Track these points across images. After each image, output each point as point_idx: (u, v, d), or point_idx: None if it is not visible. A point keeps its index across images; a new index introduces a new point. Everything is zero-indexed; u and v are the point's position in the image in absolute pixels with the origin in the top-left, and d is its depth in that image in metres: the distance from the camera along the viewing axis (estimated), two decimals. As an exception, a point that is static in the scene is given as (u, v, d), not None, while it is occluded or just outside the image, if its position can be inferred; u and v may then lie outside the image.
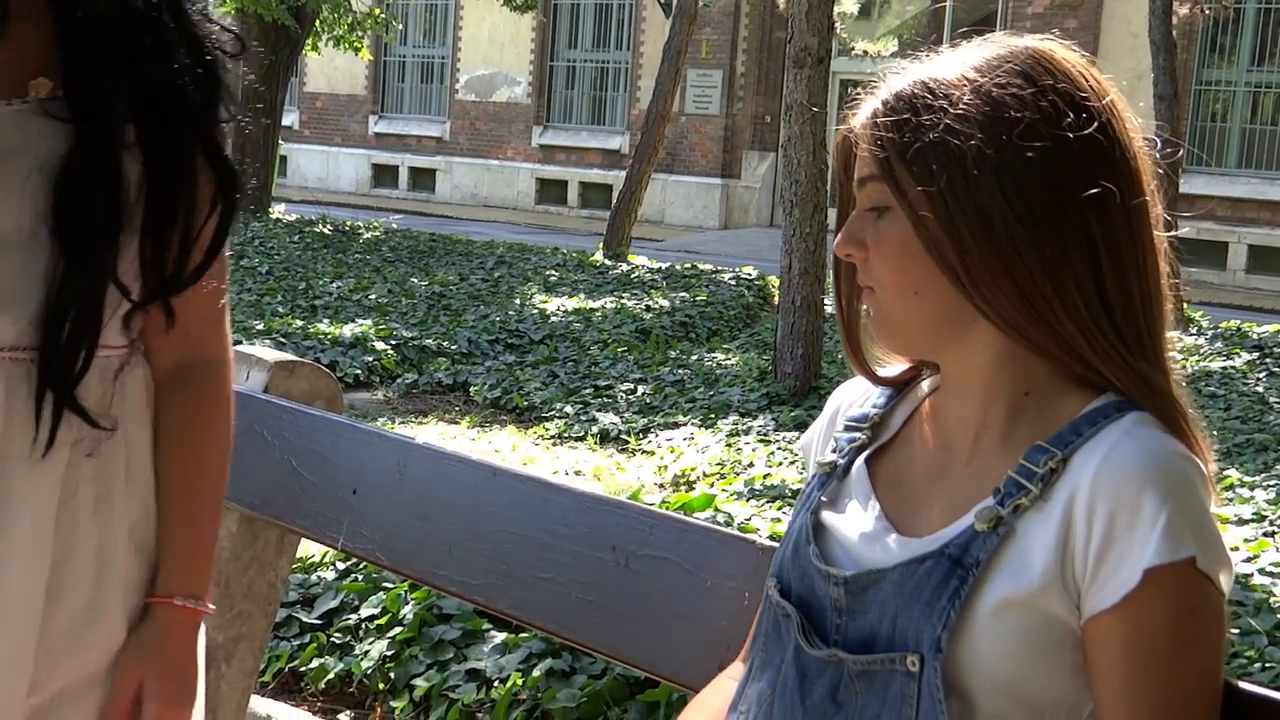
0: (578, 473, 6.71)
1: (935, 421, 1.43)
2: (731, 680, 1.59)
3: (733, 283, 13.15)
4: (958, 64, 1.32)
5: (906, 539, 1.35)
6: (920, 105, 1.29)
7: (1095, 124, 1.29)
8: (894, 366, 1.51)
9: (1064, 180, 1.27)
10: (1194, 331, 11.30)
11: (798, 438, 7.05)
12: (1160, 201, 1.34)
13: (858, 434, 1.49)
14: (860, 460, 1.46)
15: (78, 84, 1.47)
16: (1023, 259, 1.26)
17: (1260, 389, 8.98)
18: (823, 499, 1.46)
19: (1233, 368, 9.70)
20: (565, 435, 7.51)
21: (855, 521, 1.41)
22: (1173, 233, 1.36)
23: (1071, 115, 1.28)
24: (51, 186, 1.44)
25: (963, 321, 1.32)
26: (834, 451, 1.50)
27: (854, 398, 1.54)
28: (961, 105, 1.28)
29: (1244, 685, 1.34)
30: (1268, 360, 10.06)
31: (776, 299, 9.28)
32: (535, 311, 11.09)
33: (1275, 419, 7.92)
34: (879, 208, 1.33)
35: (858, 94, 1.39)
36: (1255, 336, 11.16)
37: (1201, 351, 10.42)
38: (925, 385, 1.49)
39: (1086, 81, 1.31)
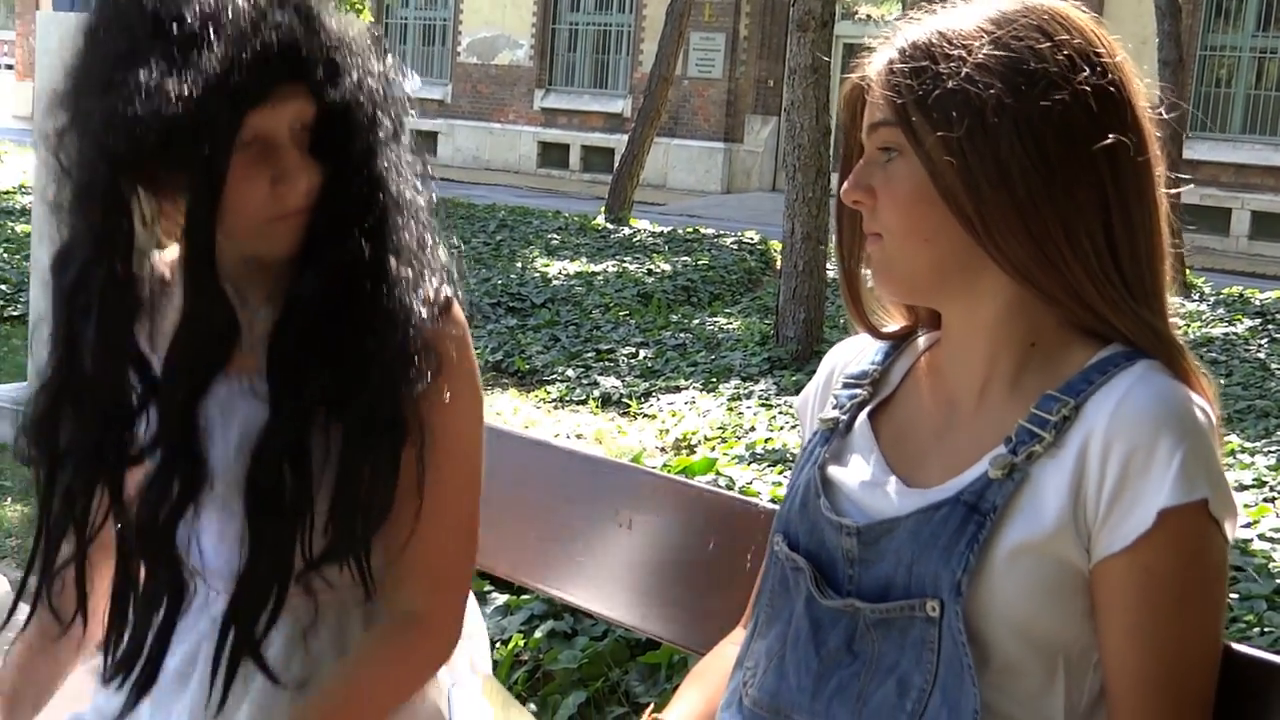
0: (579, 436, 6.72)
1: (936, 375, 1.45)
2: (734, 645, 1.59)
3: (735, 247, 13.12)
4: (974, 17, 1.33)
5: (915, 489, 1.37)
6: (938, 54, 1.31)
7: (1109, 79, 1.30)
8: (892, 323, 1.52)
9: (1079, 132, 1.28)
10: (1196, 297, 11.28)
11: (799, 402, 7.06)
12: (1164, 163, 1.35)
13: (858, 390, 1.50)
14: (863, 416, 1.48)
15: (272, 368, 1.53)
16: (1037, 207, 1.28)
17: (1262, 355, 8.96)
18: (826, 455, 1.47)
19: (1234, 334, 9.69)
20: (567, 399, 7.52)
21: (861, 474, 1.42)
22: (1176, 190, 1.38)
23: (1087, 70, 1.29)
24: (245, 463, 1.53)
25: (972, 268, 1.33)
26: (835, 408, 1.51)
27: (849, 357, 1.56)
28: (980, 55, 1.29)
29: (1242, 648, 1.35)
30: (1269, 327, 10.04)
31: (779, 263, 9.26)
32: (537, 275, 11.08)
33: (1276, 385, 7.92)
34: (889, 153, 1.34)
35: (870, 45, 1.40)
36: (1257, 303, 11.13)
37: (1203, 318, 10.40)
38: (922, 340, 1.50)
39: (1099, 38, 1.33)
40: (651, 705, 1.54)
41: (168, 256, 1.60)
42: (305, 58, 1.45)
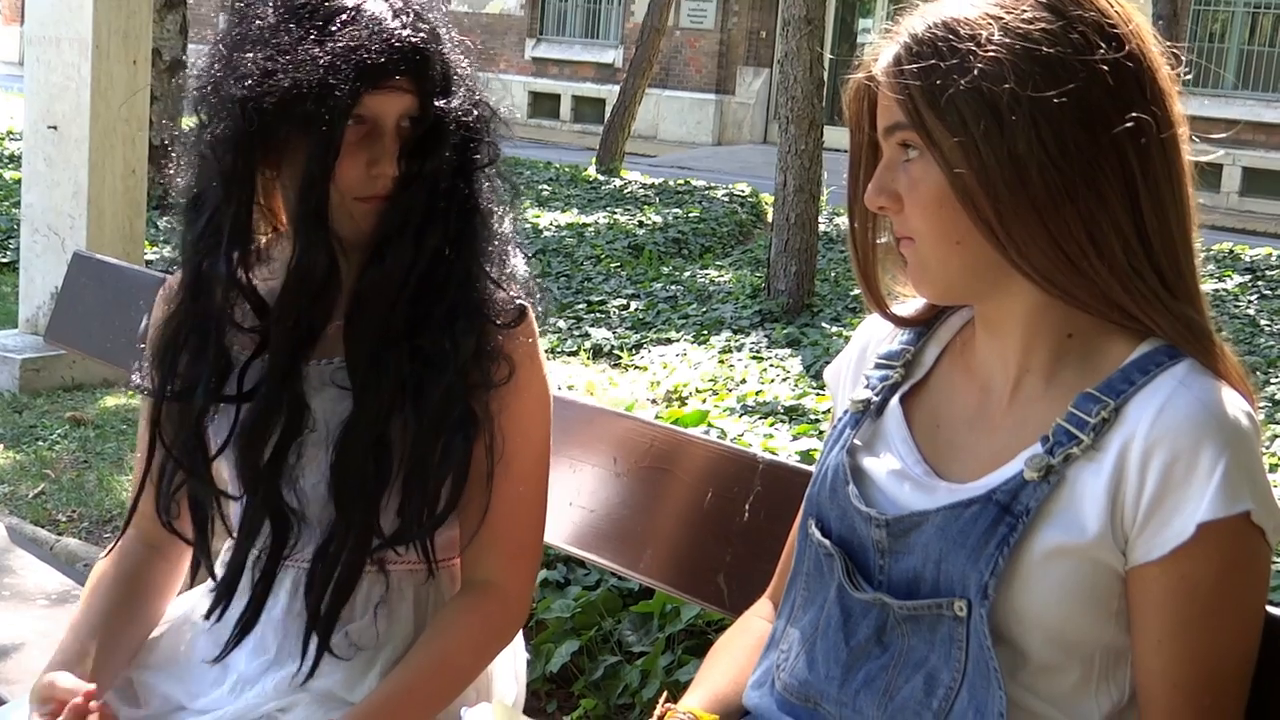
0: (570, 387, 6.71)
1: (971, 361, 1.41)
2: (759, 619, 1.58)
3: (726, 199, 13.09)
4: (980, 2, 1.27)
5: (947, 483, 1.34)
6: (945, 48, 1.25)
7: (1126, 51, 1.25)
8: (912, 303, 1.48)
9: (1100, 116, 1.23)
10: (1186, 253, 11.26)
11: (790, 354, 7.08)
12: (1184, 120, 1.30)
13: (890, 372, 1.46)
14: (895, 400, 1.44)
15: (351, 357, 1.64)
16: (1057, 207, 1.23)
17: (1252, 311, 8.99)
18: (857, 439, 1.44)
19: (1225, 290, 9.70)
20: (558, 350, 7.51)
21: (893, 463, 1.40)
22: (1208, 157, 1.33)
23: (1104, 46, 1.24)
24: (331, 449, 1.64)
25: (1003, 269, 1.29)
26: (867, 389, 1.47)
27: (882, 333, 1.52)
28: (990, 47, 1.23)
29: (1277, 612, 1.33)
30: (1260, 283, 10.05)
31: (770, 216, 9.24)
32: (528, 226, 11.03)
33: (1266, 341, 7.95)
34: (909, 151, 1.30)
35: (872, 39, 1.35)
36: (1247, 259, 11.14)
37: (1194, 273, 10.39)
38: (956, 318, 1.46)
39: (1112, 7, 1.28)
40: (665, 696, 1.52)
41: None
42: (426, 64, 1.60)
